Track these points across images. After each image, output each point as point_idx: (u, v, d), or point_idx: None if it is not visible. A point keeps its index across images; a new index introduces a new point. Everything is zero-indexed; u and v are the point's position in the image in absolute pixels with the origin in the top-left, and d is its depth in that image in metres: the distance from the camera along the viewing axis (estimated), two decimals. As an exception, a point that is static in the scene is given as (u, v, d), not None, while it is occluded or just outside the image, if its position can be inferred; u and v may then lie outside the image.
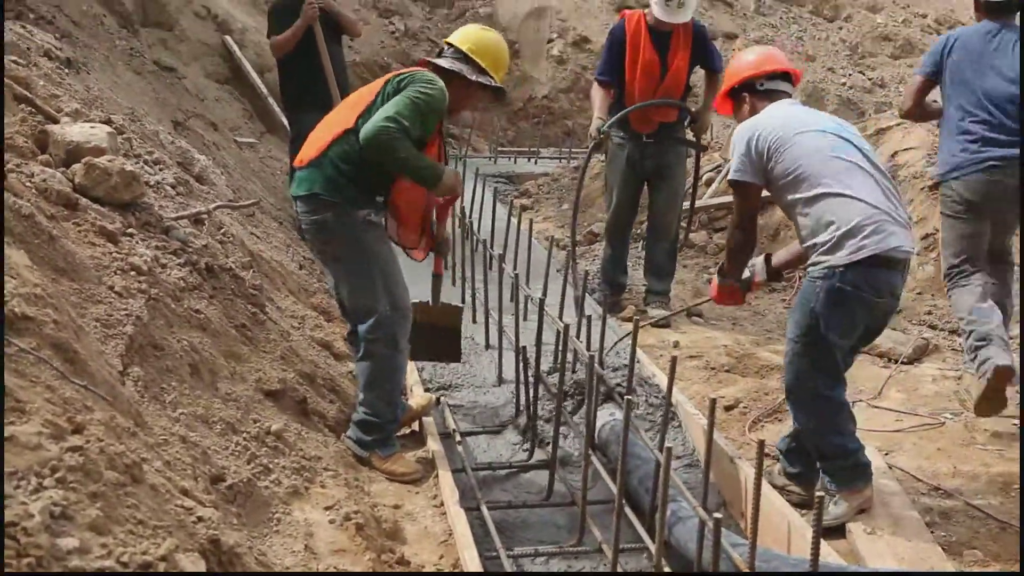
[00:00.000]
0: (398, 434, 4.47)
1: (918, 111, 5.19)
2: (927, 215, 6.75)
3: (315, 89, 7.06)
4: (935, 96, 5.10)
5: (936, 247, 6.52)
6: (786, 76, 4.28)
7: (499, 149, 12.19)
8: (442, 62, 4.31)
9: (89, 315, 3.18)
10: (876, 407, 5.02)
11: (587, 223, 8.62)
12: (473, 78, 4.27)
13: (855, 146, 3.96)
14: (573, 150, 11.87)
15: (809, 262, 3.87)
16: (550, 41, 13.30)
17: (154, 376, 3.29)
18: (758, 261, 4.41)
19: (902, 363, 5.61)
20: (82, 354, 2.65)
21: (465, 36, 4.39)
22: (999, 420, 4.74)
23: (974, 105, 4.75)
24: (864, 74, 13.25)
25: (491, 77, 4.32)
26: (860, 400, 5.02)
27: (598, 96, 6.49)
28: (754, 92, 4.25)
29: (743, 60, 4.37)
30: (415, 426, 4.67)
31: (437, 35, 12.93)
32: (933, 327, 6.19)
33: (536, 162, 12.00)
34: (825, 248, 3.76)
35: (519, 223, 6.61)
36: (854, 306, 3.77)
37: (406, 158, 3.99)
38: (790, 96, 4.26)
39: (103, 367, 2.83)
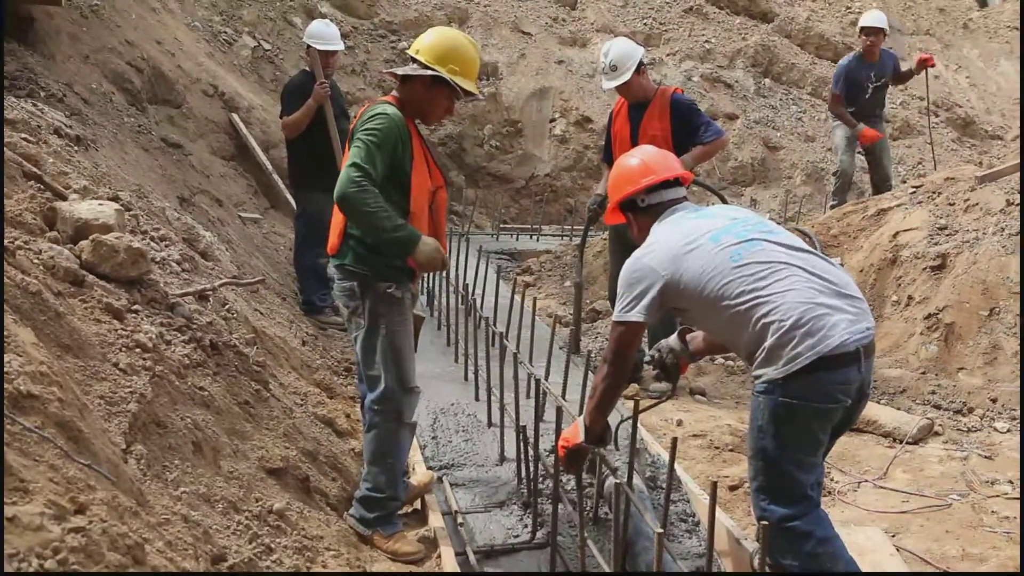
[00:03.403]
0: (399, 512, 4.43)
1: None
2: (929, 295, 6.75)
3: (322, 170, 6.97)
4: None
5: (939, 327, 6.53)
6: (673, 182, 3.79)
7: (501, 226, 12.24)
8: (406, 70, 4.15)
9: (93, 392, 3.17)
10: (882, 488, 4.98)
11: (590, 300, 8.62)
12: (452, 83, 4.05)
13: (759, 239, 3.47)
14: (575, 227, 11.93)
15: (753, 372, 3.41)
16: (552, 121, 13.46)
17: (157, 454, 3.27)
18: (674, 341, 4.03)
19: (907, 443, 5.57)
20: (86, 432, 2.64)
21: (427, 47, 4.11)
22: (1008, 503, 4.70)
23: None
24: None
25: (458, 84, 4.07)
26: (866, 480, 4.99)
27: (604, 174, 6.56)
28: (636, 210, 3.81)
29: (624, 172, 3.85)
30: (417, 504, 4.64)
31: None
32: (937, 407, 6.16)
33: (538, 239, 12.05)
34: (760, 359, 3.32)
35: (522, 300, 6.62)
36: (807, 419, 3.31)
37: (375, 211, 3.83)
38: (681, 200, 3.78)
39: (106, 445, 2.82)
